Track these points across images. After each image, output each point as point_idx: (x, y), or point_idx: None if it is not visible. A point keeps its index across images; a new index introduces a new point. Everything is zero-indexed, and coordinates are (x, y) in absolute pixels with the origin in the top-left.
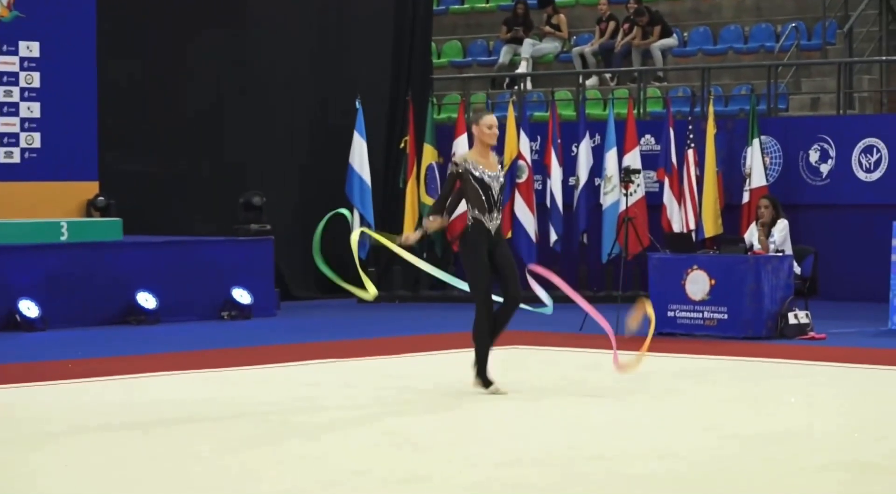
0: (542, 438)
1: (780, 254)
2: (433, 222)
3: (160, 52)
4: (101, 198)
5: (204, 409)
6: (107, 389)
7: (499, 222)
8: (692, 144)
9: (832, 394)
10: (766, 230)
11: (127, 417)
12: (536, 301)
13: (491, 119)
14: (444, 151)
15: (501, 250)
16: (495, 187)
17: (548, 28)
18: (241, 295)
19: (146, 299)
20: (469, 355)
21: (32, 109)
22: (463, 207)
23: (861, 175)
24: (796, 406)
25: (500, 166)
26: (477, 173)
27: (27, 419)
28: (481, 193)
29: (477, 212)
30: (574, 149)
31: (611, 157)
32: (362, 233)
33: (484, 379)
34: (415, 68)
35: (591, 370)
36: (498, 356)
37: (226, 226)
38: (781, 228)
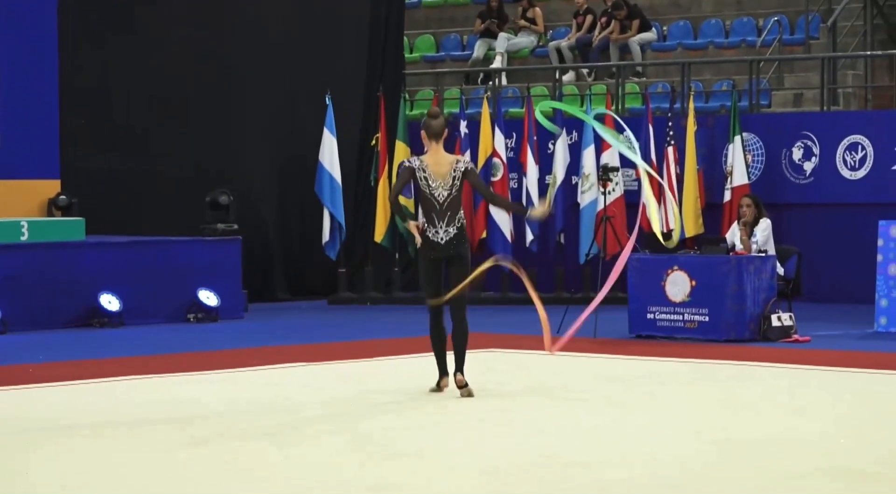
0: (521, 444)
1: (763, 254)
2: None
3: (125, 45)
4: (62, 196)
5: (166, 415)
6: (67, 394)
7: (448, 235)
8: (672, 142)
9: (817, 398)
10: (749, 230)
11: (85, 421)
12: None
13: (431, 122)
14: (417, 148)
15: (455, 270)
16: (440, 195)
17: (523, 22)
18: (208, 297)
19: (109, 301)
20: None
21: None
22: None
23: (846, 173)
24: (781, 411)
25: (454, 169)
26: (422, 180)
27: None
28: (423, 204)
29: (425, 221)
30: (550, 146)
31: (588, 154)
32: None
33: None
34: (387, 63)
35: (571, 374)
36: (476, 359)
37: (192, 225)
38: (764, 227)
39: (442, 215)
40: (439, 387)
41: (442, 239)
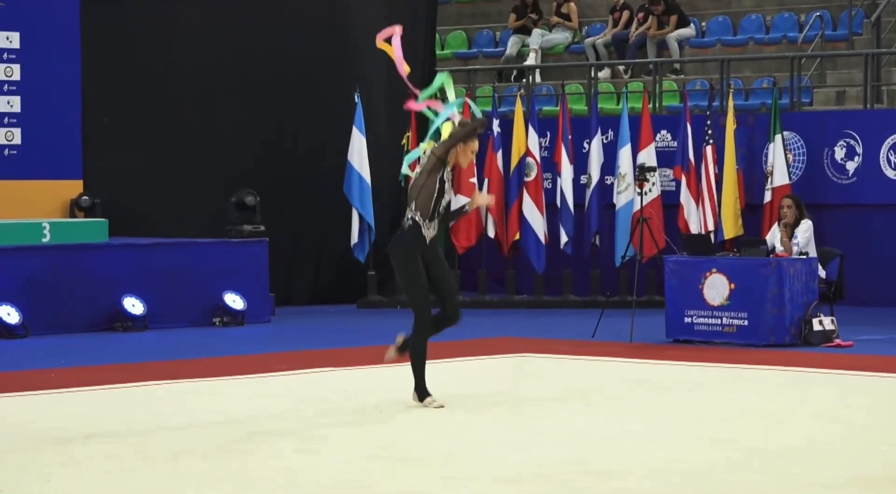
0: (547, 451)
1: (804, 257)
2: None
3: (148, 42)
4: (85, 197)
5: (189, 421)
6: (89, 400)
7: (433, 234)
8: (711, 141)
9: (858, 405)
10: (789, 231)
11: (106, 428)
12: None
13: (476, 144)
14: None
15: (440, 264)
16: (446, 199)
17: (556, 18)
18: (234, 300)
19: (133, 305)
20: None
21: (13, 104)
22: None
23: (889, 173)
24: (820, 419)
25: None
26: (445, 174)
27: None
28: (436, 196)
29: (419, 215)
30: (586, 145)
31: (624, 154)
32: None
33: (421, 391)
34: (418, 60)
35: (604, 379)
36: (508, 364)
37: (218, 227)
38: (805, 229)
39: (439, 213)
40: (430, 401)
41: (428, 236)
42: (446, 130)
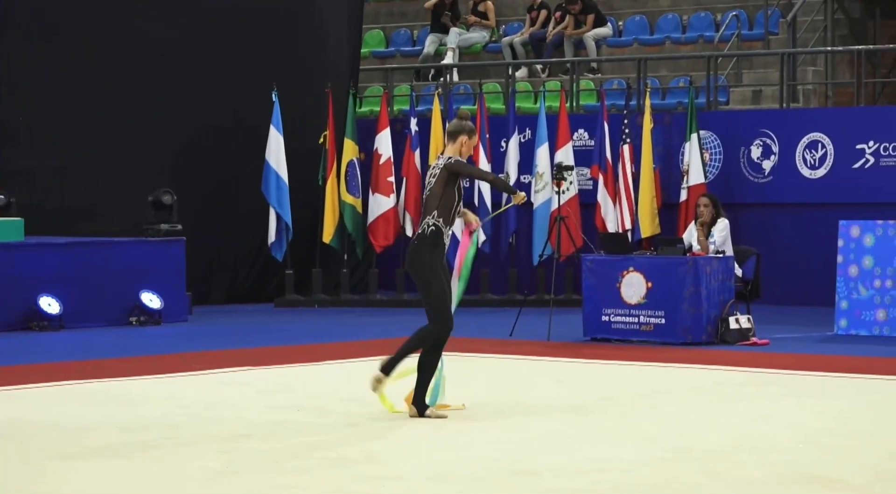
0: (471, 450)
1: (721, 255)
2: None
3: (68, 39)
4: (0, 196)
5: (103, 421)
6: (3, 399)
7: (448, 240)
8: (628, 140)
9: (776, 403)
10: (706, 230)
11: (19, 429)
12: None
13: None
14: (366, 146)
15: (447, 272)
16: (461, 205)
17: (474, 17)
18: (151, 300)
19: (49, 304)
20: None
21: None
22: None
23: (805, 172)
24: (738, 417)
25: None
26: (460, 183)
27: None
28: (456, 203)
29: (441, 221)
30: (503, 144)
31: (542, 153)
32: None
33: (420, 405)
34: (336, 59)
35: (523, 378)
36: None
37: (134, 226)
38: (722, 227)
39: (455, 220)
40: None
41: (446, 244)
42: None
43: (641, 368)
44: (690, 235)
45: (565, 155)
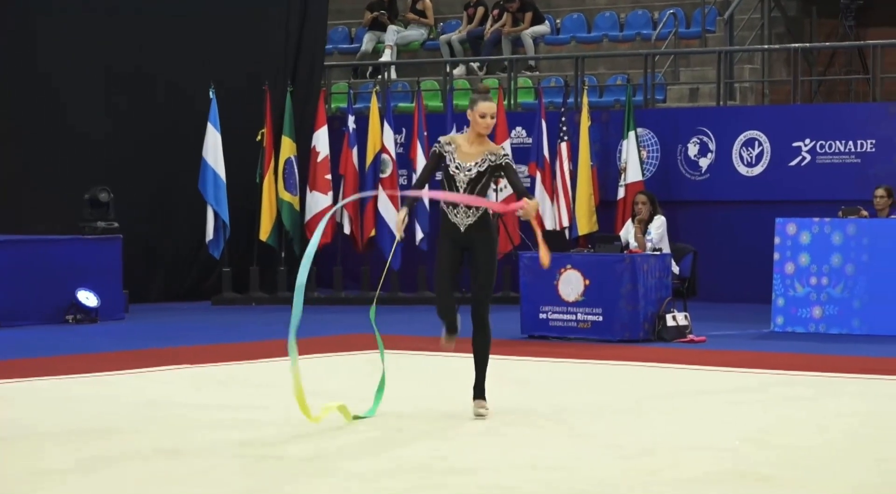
0: (403, 448)
1: (658, 253)
2: (400, 214)
3: (4, 37)
4: None
5: (41, 421)
6: None
7: (471, 219)
8: (565, 137)
9: (712, 400)
10: (643, 227)
11: None
12: None
13: (486, 107)
14: (304, 144)
15: (477, 256)
16: (461, 179)
17: (412, 15)
18: (87, 297)
19: None
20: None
21: None
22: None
23: (742, 170)
24: (672, 414)
25: (483, 159)
26: (448, 159)
27: None
28: (446, 183)
29: (444, 202)
30: None
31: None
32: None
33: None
34: (274, 55)
35: (458, 376)
36: (363, 360)
37: (70, 224)
38: (658, 225)
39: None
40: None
41: (459, 223)
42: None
43: (579, 365)
44: (628, 232)
45: None
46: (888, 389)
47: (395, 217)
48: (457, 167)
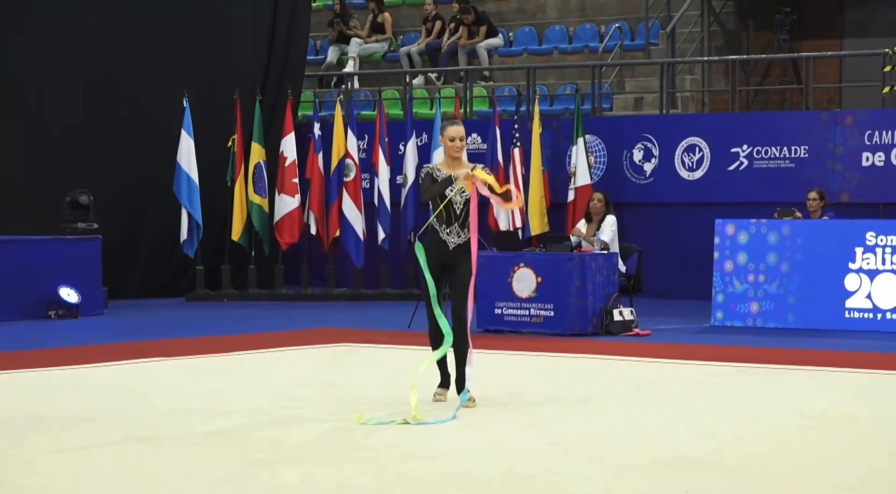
0: (365, 438)
1: (606, 252)
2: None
3: None
4: None
5: (25, 410)
6: None
7: (461, 240)
8: (518, 144)
9: (656, 390)
10: (597, 225)
11: None
12: None
13: (454, 131)
14: (273, 150)
15: (457, 275)
16: (457, 202)
17: (360, 31)
18: (69, 294)
19: None
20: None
21: None
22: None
23: (684, 174)
24: (619, 404)
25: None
26: (437, 176)
27: None
28: (442, 207)
29: (436, 220)
30: (401, 148)
31: (437, 155)
32: None
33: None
34: (243, 65)
35: (414, 368)
36: (326, 353)
37: (51, 225)
38: (611, 223)
39: (459, 218)
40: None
41: (449, 242)
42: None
43: (531, 357)
44: (580, 231)
45: None
46: (821, 379)
47: (359, 220)
48: (450, 190)
